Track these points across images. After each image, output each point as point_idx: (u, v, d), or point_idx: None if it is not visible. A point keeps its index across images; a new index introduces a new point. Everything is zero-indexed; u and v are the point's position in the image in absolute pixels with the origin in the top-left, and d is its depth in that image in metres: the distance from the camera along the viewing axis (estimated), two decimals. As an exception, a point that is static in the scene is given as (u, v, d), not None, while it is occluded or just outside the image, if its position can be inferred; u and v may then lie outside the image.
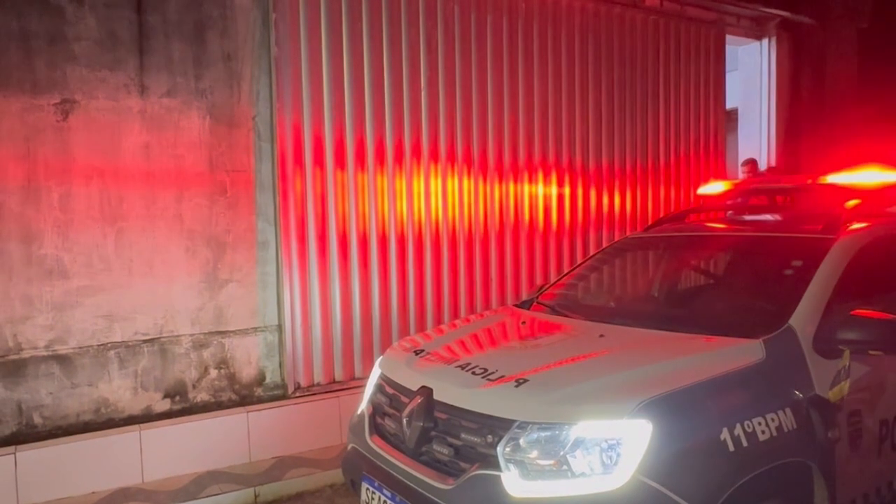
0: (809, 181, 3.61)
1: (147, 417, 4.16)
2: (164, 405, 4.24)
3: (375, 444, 2.72)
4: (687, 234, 3.76)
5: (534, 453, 2.15)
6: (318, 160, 4.67)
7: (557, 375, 2.37)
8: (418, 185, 5.12)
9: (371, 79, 4.87)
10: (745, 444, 2.14)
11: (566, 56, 5.86)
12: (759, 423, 2.21)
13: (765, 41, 7.48)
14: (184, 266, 4.25)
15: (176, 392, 4.28)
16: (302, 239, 4.63)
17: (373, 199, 4.92)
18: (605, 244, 5.38)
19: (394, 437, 2.67)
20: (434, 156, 5.19)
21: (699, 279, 3.94)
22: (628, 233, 5.93)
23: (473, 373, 2.51)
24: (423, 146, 5.13)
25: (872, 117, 10.30)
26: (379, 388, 2.93)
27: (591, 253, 5.08)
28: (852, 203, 3.24)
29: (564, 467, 2.11)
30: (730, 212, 4.40)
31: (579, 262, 4.27)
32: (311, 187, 4.65)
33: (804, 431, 2.31)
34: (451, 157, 5.26)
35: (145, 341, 4.17)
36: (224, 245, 4.35)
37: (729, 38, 7.21)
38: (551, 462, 2.13)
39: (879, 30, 9.03)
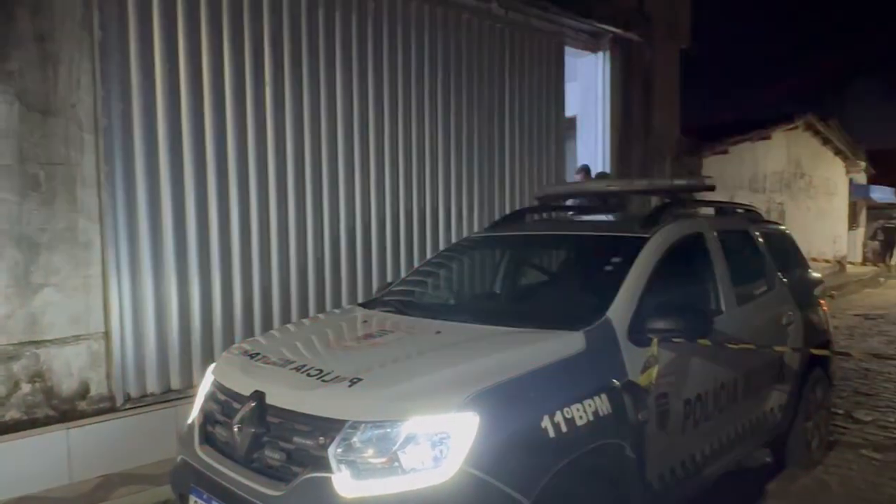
0: (629, 186, 3.93)
1: (-58, 442, 3.66)
2: (-38, 427, 3.75)
3: (205, 454, 2.58)
4: (523, 233, 3.95)
5: (366, 452, 2.15)
6: (150, 153, 4.36)
7: (391, 373, 2.39)
8: (266, 181, 4.95)
9: (211, 69, 4.63)
10: (564, 429, 2.28)
11: (416, 59, 5.94)
12: (578, 410, 2.36)
13: (600, 54, 8.05)
14: (-15, 269, 3.78)
15: (-22, 411, 3.80)
16: (132, 238, 4.31)
17: (216, 195, 4.68)
18: (451, 243, 5.53)
19: (225, 446, 2.55)
20: (281, 151, 5.03)
21: (533, 276, 4.15)
22: (471, 232, 6.13)
23: (308, 374, 2.46)
24: (267, 140, 4.96)
25: (692, 128, 11.44)
26: (211, 396, 2.79)
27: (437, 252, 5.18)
28: (665, 204, 3.58)
29: (396, 464, 2.12)
30: (570, 213, 4.71)
31: (423, 261, 4.35)
32: (142, 182, 4.33)
33: (617, 414, 2.50)
34: (300, 153, 5.14)
35: (-61, 355, 3.66)
36: (38, 245, 3.92)
37: (569, 49, 7.69)
38: (383, 460, 2.14)
39: (698, 50, 10.10)
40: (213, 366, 2.98)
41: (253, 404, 2.40)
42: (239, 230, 4.81)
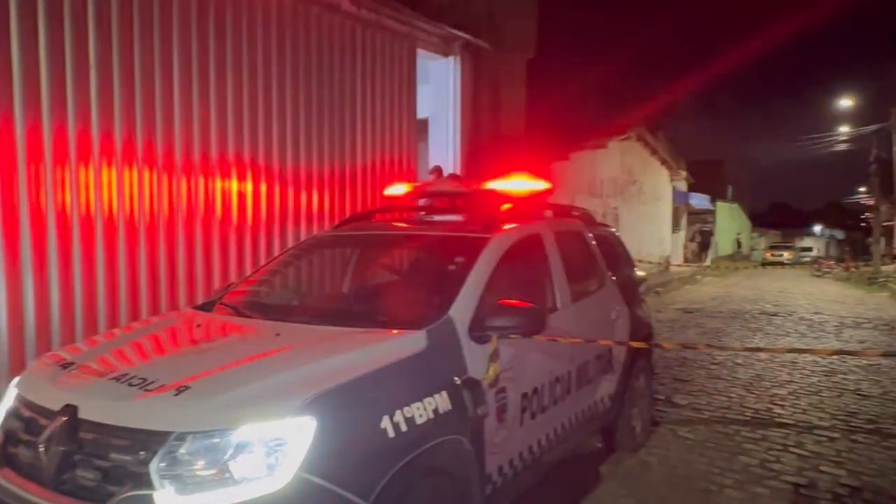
0: (475, 187, 4.04)
1: None
2: None
3: (5, 479, 2.29)
4: (370, 232, 3.93)
5: (194, 465, 2.01)
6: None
7: (222, 379, 2.26)
8: (86, 177, 4.49)
9: (20, 48, 4.12)
10: (404, 428, 2.28)
11: (263, 51, 5.69)
12: (418, 408, 2.38)
13: (451, 59, 8.22)
14: None
15: None
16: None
17: (26, 190, 4.17)
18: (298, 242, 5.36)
19: (29, 468, 2.27)
20: (107, 145, 4.59)
21: (380, 276, 4.14)
22: (322, 231, 6.00)
23: (130, 384, 2.26)
24: (92, 133, 4.51)
25: (537, 136, 12.05)
26: (13, 412, 2.47)
27: (283, 251, 5.01)
28: (506, 206, 3.72)
29: (227, 475, 2.01)
30: (421, 212, 4.74)
31: (265, 261, 4.18)
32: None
33: (457, 411, 2.55)
34: (130, 148, 4.73)
35: None
36: None
37: (421, 52, 7.78)
38: (213, 472, 2.01)
39: (543, 62, 10.66)
40: (16, 379, 2.65)
41: (63, 420, 2.17)
42: (54, 224, 4.32)
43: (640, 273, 5.26)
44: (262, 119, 5.70)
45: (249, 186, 5.59)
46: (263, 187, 5.70)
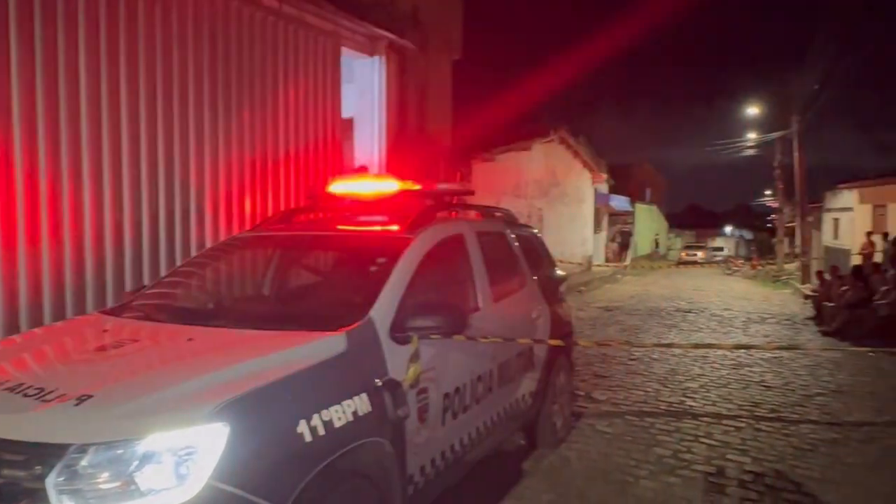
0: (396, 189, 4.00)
1: None
2: None
3: None
4: (292, 233, 3.84)
5: (96, 478, 1.91)
6: None
7: (129, 387, 2.15)
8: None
9: None
10: (322, 432, 2.24)
11: (178, 45, 5.48)
12: (337, 411, 2.34)
13: (376, 58, 8.19)
14: None
15: None
16: None
17: None
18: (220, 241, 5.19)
19: None
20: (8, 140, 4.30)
21: (301, 277, 4.07)
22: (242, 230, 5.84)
23: (25, 395, 2.12)
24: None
25: (464, 136, 12.16)
26: None
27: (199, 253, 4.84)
28: (428, 207, 3.72)
29: (132, 487, 1.92)
30: (347, 213, 4.68)
31: (181, 263, 4.02)
32: None
33: (377, 413, 2.53)
34: (33, 147, 4.44)
35: None
36: None
37: (346, 50, 7.70)
38: (117, 484, 1.91)
39: (469, 63, 10.79)
40: None
41: (-54, 435, 2.00)
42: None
43: (560, 273, 5.38)
44: (178, 115, 5.48)
45: (162, 186, 5.36)
46: (177, 187, 5.48)
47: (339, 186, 3.79)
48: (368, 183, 3.74)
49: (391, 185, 3.76)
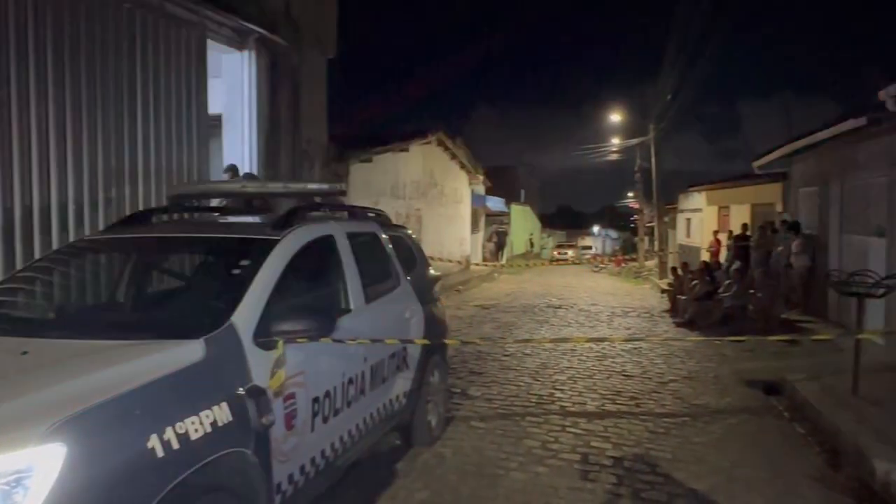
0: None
1: None
2: None
3: None
4: (148, 235, 3.60)
5: None
6: None
7: (-53, 408, 1.92)
8: None
9: None
10: (176, 446, 2.12)
11: (34, 32, 4.97)
12: (193, 423, 2.22)
13: (246, 53, 7.88)
14: None
15: None
16: None
17: None
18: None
19: None
20: None
21: (155, 282, 3.83)
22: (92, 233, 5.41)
23: None
24: None
25: (341, 136, 12.00)
26: None
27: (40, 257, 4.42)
28: (297, 207, 3.63)
29: (-50, 521, 1.71)
30: (215, 214, 4.45)
31: (19, 268, 3.66)
32: None
33: (239, 422, 2.43)
34: None
35: None
36: None
37: (214, 44, 7.34)
38: (-71, 519, 1.70)
39: (347, 64, 10.65)
40: None
41: None
42: None
43: (435, 273, 5.45)
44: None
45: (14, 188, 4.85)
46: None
47: (204, 186, 3.61)
48: (235, 182, 3.60)
49: (259, 185, 3.64)
